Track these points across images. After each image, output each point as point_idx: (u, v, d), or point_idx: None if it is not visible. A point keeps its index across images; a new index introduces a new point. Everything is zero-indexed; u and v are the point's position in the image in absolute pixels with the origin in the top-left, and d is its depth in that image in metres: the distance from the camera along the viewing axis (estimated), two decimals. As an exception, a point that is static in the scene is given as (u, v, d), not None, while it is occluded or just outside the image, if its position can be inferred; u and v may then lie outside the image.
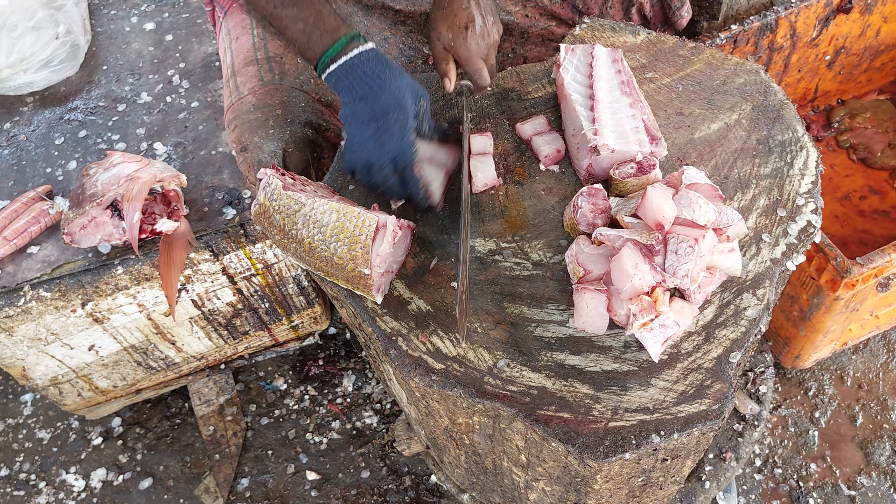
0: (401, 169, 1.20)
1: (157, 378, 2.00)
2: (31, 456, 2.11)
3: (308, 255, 1.17)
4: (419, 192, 1.23)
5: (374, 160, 1.20)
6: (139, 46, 2.09)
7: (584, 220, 1.18)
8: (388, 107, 1.18)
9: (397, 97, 1.19)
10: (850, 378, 2.03)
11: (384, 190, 1.23)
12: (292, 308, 1.95)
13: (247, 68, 1.49)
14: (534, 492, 1.35)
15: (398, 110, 1.19)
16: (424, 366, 1.10)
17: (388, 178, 1.20)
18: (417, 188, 1.22)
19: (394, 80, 1.20)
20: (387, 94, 1.19)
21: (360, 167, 1.22)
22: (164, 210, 1.59)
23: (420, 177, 1.21)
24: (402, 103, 1.19)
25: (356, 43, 1.23)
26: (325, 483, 1.98)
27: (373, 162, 1.20)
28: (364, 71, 1.21)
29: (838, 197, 2.18)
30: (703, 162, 1.29)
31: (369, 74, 1.20)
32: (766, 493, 1.87)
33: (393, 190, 1.23)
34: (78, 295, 1.63)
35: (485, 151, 1.32)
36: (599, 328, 1.10)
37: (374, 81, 1.20)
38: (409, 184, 1.22)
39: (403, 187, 1.23)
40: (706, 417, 1.02)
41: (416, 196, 1.24)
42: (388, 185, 1.22)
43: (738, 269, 1.12)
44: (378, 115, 1.19)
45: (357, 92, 1.21)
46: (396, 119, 1.18)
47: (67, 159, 1.83)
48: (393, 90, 1.19)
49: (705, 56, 1.44)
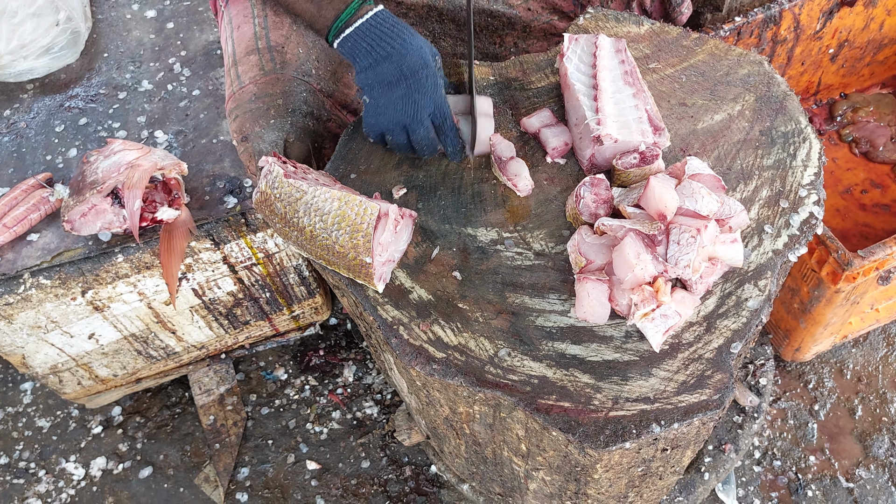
0: (438, 123, 1.22)
1: (157, 367, 2.00)
2: (30, 444, 2.11)
3: (309, 244, 1.17)
4: (458, 142, 1.26)
5: (410, 119, 1.20)
6: (140, 34, 2.09)
7: (587, 209, 1.18)
8: (415, 64, 1.19)
9: (421, 55, 1.20)
10: (849, 371, 2.03)
11: (422, 148, 1.25)
12: (293, 298, 1.95)
13: (248, 57, 1.49)
14: (534, 481, 1.35)
15: (424, 67, 1.19)
16: (425, 355, 1.10)
17: (428, 132, 1.22)
18: (457, 138, 1.25)
19: (412, 38, 1.21)
20: (412, 52, 1.19)
21: (393, 128, 1.23)
22: (165, 198, 1.59)
23: (459, 127, 1.24)
24: (426, 60, 1.20)
25: (368, 5, 1.23)
26: (326, 473, 1.98)
27: (408, 121, 1.20)
28: (384, 31, 1.20)
29: (840, 190, 2.18)
30: (705, 153, 1.28)
31: (389, 34, 1.20)
32: (764, 485, 1.87)
33: (433, 146, 1.25)
34: (78, 283, 1.63)
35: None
36: (601, 318, 1.10)
37: (395, 41, 1.20)
38: (449, 136, 1.24)
39: (436, 142, 1.26)
40: (707, 407, 1.02)
41: (455, 146, 1.26)
42: (429, 140, 1.23)
43: (740, 260, 1.12)
44: (407, 74, 1.19)
45: (378, 53, 1.20)
46: (427, 76, 1.19)
47: (68, 147, 1.83)
48: (415, 48, 1.20)
49: (709, 47, 1.44)
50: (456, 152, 1.28)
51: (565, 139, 1.31)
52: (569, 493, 1.31)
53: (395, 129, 1.23)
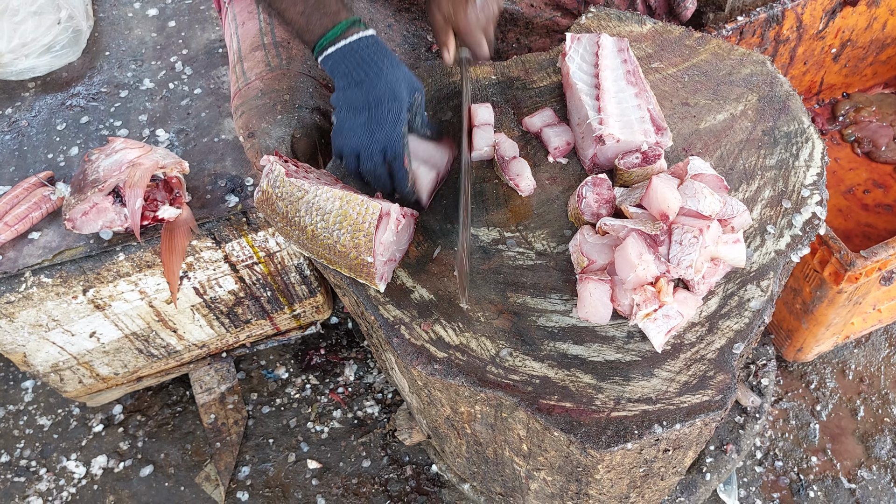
0: (390, 160, 1.18)
1: (158, 366, 2.00)
2: (31, 442, 2.11)
3: (311, 243, 1.16)
4: (406, 186, 1.21)
5: (364, 148, 1.18)
6: (142, 32, 2.08)
7: (589, 209, 1.17)
8: (382, 96, 1.17)
9: (392, 87, 1.18)
10: (851, 372, 2.03)
11: (371, 180, 1.22)
12: (294, 297, 1.95)
13: (254, 53, 1.48)
14: (535, 481, 1.35)
15: (392, 101, 1.17)
16: (427, 354, 1.10)
17: (376, 167, 1.19)
18: (405, 181, 1.20)
19: (391, 69, 1.19)
20: (383, 82, 1.18)
21: (347, 153, 1.21)
22: (166, 197, 1.59)
23: (409, 170, 1.20)
24: (396, 94, 1.18)
25: (356, 28, 1.22)
26: (326, 472, 1.98)
27: (361, 150, 1.18)
28: (362, 57, 1.20)
29: (842, 190, 2.17)
30: (708, 152, 1.28)
31: (367, 61, 1.19)
32: (766, 486, 1.87)
33: (380, 181, 1.21)
34: (79, 281, 1.62)
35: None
36: (603, 318, 1.10)
37: (370, 68, 1.19)
38: (398, 176, 1.20)
39: (391, 180, 1.21)
40: (709, 408, 1.02)
41: (402, 189, 1.22)
42: (377, 174, 1.20)
43: (743, 261, 1.11)
44: (371, 104, 1.17)
45: (353, 77, 1.19)
46: (389, 109, 1.17)
47: (69, 145, 1.83)
48: (389, 80, 1.18)
49: (711, 46, 1.43)
50: (405, 196, 1.24)
51: (567, 139, 1.31)
52: (570, 493, 1.31)
53: (349, 154, 1.21)
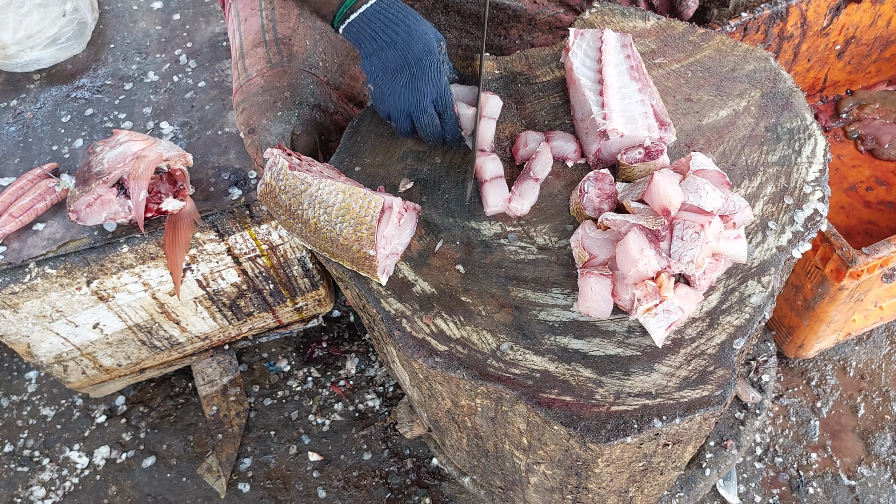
0: (440, 110, 1.23)
1: (161, 357, 2.01)
2: (35, 433, 2.12)
3: (313, 236, 1.17)
4: (458, 130, 1.26)
5: (416, 105, 1.21)
6: (146, 25, 2.09)
7: (591, 204, 1.18)
8: (419, 52, 1.19)
9: (426, 42, 1.20)
10: (852, 369, 2.03)
11: (427, 134, 1.26)
12: (297, 290, 1.95)
13: (255, 50, 1.49)
14: (535, 475, 1.35)
15: (429, 54, 1.20)
16: (428, 347, 1.11)
17: (433, 119, 1.23)
18: (457, 126, 1.25)
19: (417, 24, 1.21)
20: (416, 39, 1.19)
21: (398, 115, 1.24)
22: (170, 189, 1.60)
23: (458, 114, 1.25)
24: (430, 47, 1.20)
25: None
26: (327, 464, 1.99)
27: (413, 108, 1.21)
28: (388, 17, 1.20)
29: (845, 187, 2.17)
30: (710, 148, 1.28)
31: (394, 20, 1.20)
32: (766, 482, 1.87)
33: (436, 132, 1.25)
34: (83, 273, 1.63)
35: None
36: (603, 313, 1.10)
37: (400, 27, 1.20)
38: (449, 123, 1.24)
39: (441, 128, 1.26)
40: (708, 403, 1.02)
41: (455, 134, 1.27)
42: (433, 126, 1.24)
43: (744, 256, 1.12)
44: (411, 62, 1.19)
45: (382, 39, 1.20)
46: (430, 63, 1.19)
47: (74, 137, 1.83)
48: (420, 34, 1.20)
49: (715, 42, 1.43)
50: (454, 140, 1.29)
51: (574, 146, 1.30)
52: (570, 487, 1.31)
53: (399, 116, 1.24)
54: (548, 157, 1.27)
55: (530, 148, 1.29)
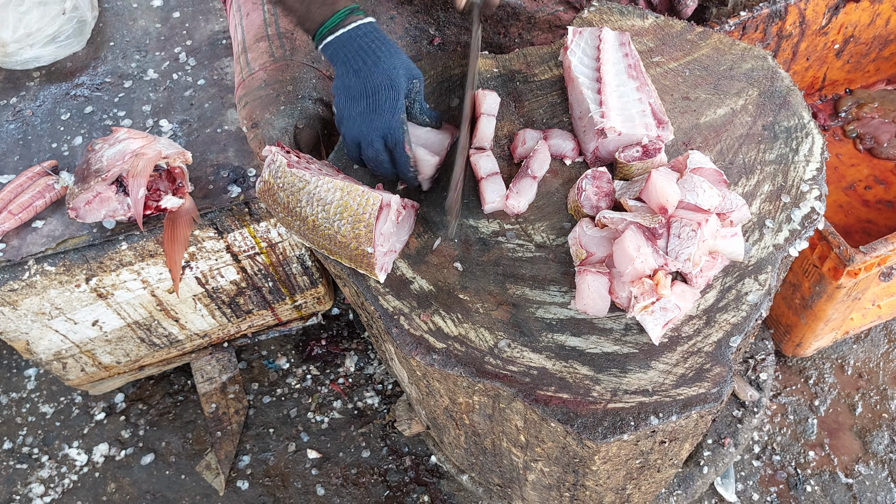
0: (391, 147, 1.20)
1: (160, 355, 2.01)
2: (34, 430, 2.12)
3: (311, 233, 1.17)
4: (409, 171, 1.22)
5: (363, 137, 1.20)
6: (146, 23, 2.09)
7: (588, 202, 1.18)
8: (379, 84, 1.18)
9: (389, 75, 1.19)
10: (850, 367, 2.03)
11: (374, 167, 1.24)
12: (296, 288, 1.96)
13: (258, 44, 1.49)
14: (532, 472, 1.36)
15: (389, 89, 1.19)
16: (426, 345, 1.11)
17: (378, 154, 1.20)
18: (407, 166, 1.22)
19: (388, 57, 1.20)
20: (379, 70, 1.19)
21: (349, 142, 1.22)
22: (169, 187, 1.60)
23: (410, 155, 1.21)
24: (393, 81, 1.19)
25: (355, 16, 1.23)
26: (326, 462, 2.00)
27: (362, 138, 1.20)
28: (360, 45, 1.21)
29: (843, 186, 2.17)
30: (708, 147, 1.29)
31: (364, 49, 1.20)
32: (763, 480, 1.88)
33: (383, 167, 1.23)
34: (82, 270, 1.64)
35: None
36: (601, 310, 1.10)
37: (368, 56, 1.20)
38: (399, 162, 1.22)
39: (393, 166, 1.23)
40: (705, 400, 1.03)
41: (406, 174, 1.23)
42: (378, 161, 1.22)
43: (741, 254, 1.12)
44: (369, 92, 1.19)
45: (351, 65, 1.20)
46: (387, 97, 1.18)
47: (73, 135, 1.84)
48: (386, 67, 1.19)
49: (713, 41, 1.44)
50: (406, 178, 1.25)
51: (572, 144, 1.31)
52: (567, 484, 1.32)
53: (349, 143, 1.22)
54: (546, 156, 1.28)
55: (528, 146, 1.29)
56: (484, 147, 1.31)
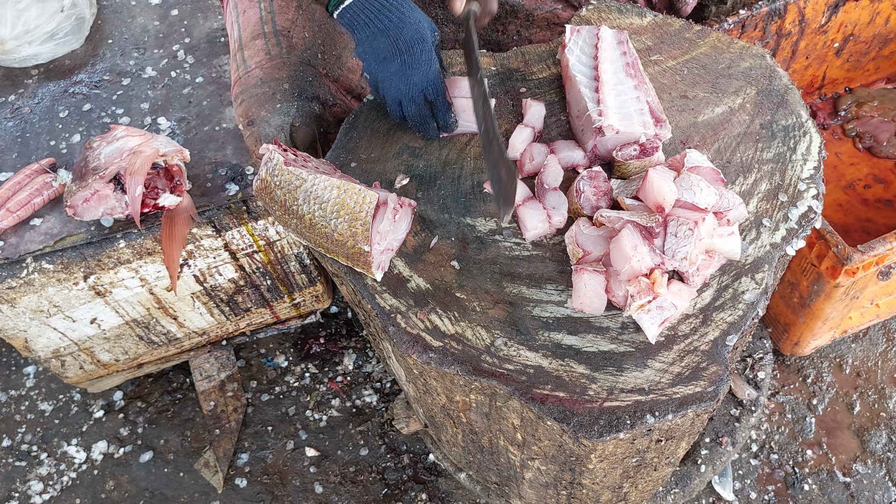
0: (432, 99, 1.22)
1: (158, 353, 2.01)
2: (32, 427, 2.13)
3: (308, 231, 1.17)
4: (450, 118, 1.24)
5: (404, 94, 1.20)
6: (144, 21, 2.09)
7: (588, 203, 1.18)
8: (411, 39, 1.19)
9: (418, 29, 1.19)
10: (848, 366, 2.03)
11: (416, 123, 1.26)
12: (294, 286, 1.96)
13: (254, 42, 1.49)
14: (529, 471, 1.36)
15: (422, 41, 1.19)
16: (422, 343, 1.11)
17: (421, 108, 1.22)
18: (449, 115, 1.24)
19: (412, 11, 1.21)
20: (409, 26, 1.19)
21: (389, 102, 1.23)
22: (167, 185, 1.60)
23: (451, 102, 1.23)
24: (423, 35, 1.20)
25: None
26: (324, 460, 2.00)
27: (402, 96, 1.21)
28: (382, 4, 1.20)
29: (842, 185, 2.17)
30: (705, 145, 1.28)
31: (387, 7, 1.20)
32: (761, 479, 1.88)
33: (426, 121, 1.25)
34: (80, 268, 1.64)
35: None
36: (597, 309, 1.10)
37: (393, 14, 1.20)
38: (441, 112, 1.23)
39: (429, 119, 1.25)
40: (701, 399, 1.03)
41: (447, 121, 1.25)
42: (422, 115, 1.24)
43: (738, 253, 1.12)
44: (402, 49, 1.19)
45: (375, 26, 1.20)
46: (421, 51, 1.19)
47: (71, 132, 1.83)
48: (414, 22, 1.20)
49: (711, 39, 1.43)
50: (447, 126, 1.27)
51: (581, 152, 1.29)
52: (564, 482, 1.32)
53: (390, 103, 1.24)
54: (557, 169, 1.24)
55: (537, 162, 1.27)
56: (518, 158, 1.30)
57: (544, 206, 1.21)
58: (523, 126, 1.31)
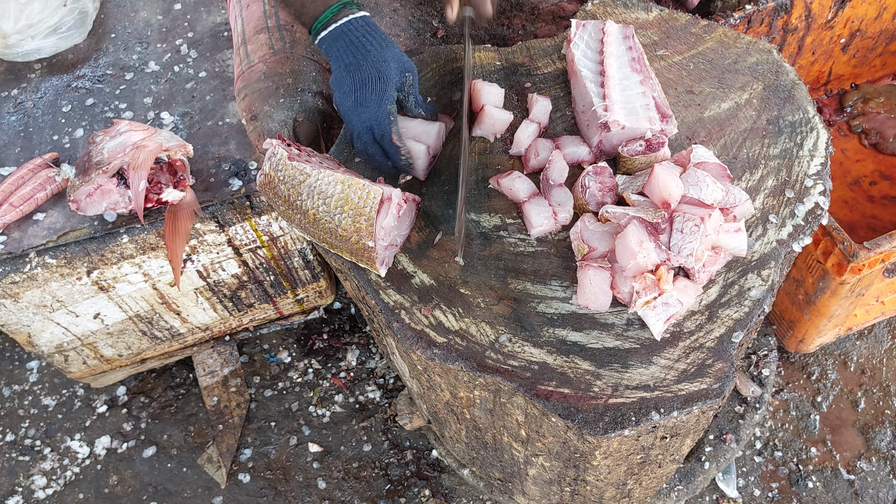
0: (378, 139, 1.21)
1: (162, 348, 2.01)
2: (36, 422, 2.13)
3: (312, 227, 1.17)
4: (400, 161, 1.23)
5: (353, 130, 1.21)
6: (147, 15, 2.08)
7: (594, 199, 1.17)
8: (366, 77, 1.19)
9: (378, 67, 1.19)
10: (853, 363, 2.02)
11: (366, 159, 1.25)
12: (297, 281, 1.95)
13: (257, 36, 1.49)
14: (533, 467, 1.35)
15: (378, 81, 1.19)
16: (426, 339, 1.11)
17: (367, 146, 1.22)
18: (398, 155, 1.22)
19: (379, 50, 1.20)
20: (367, 63, 1.19)
21: (348, 136, 1.24)
22: (170, 180, 1.59)
23: (399, 145, 1.21)
24: (382, 74, 1.19)
25: (348, 10, 1.23)
26: (327, 455, 2.00)
27: (352, 132, 1.22)
28: (351, 40, 1.21)
29: (848, 182, 2.16)
30: (711, 141, 1.28)
31: (355, 44, 1.21)
32: (765, 476, 1.87)
33: (375, 159, 1.24)
34: (83, 263, 1.63)
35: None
36: (602, 305, 1.10)
37: (358, 51, 1.20)
38: (390, 152, 1.22)
39: (386, 157, 1.24)
40: (706, 396, 1.02)
41: (398, 163, 1.24)
42: (369, 153, 1.23)
43: (744, 250, 1.11)
44: (357, 85, 1.20)
45: (343, 60, 1.21)
46: (374, 90, 1.19)
47: (74, 127, 1.83)
48: (375, 60, 1.19)
49: (718, 34, 1.42)
50: (399, 167, 1.26)
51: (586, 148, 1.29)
52: (568, 479, 1.31)
53: (349, 136, 1.24)
54: (562, 165, 1.24)
55: (542, 157, 1.27)
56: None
57: (550, 203, 1.20)
58: (529, 121, 1.30)
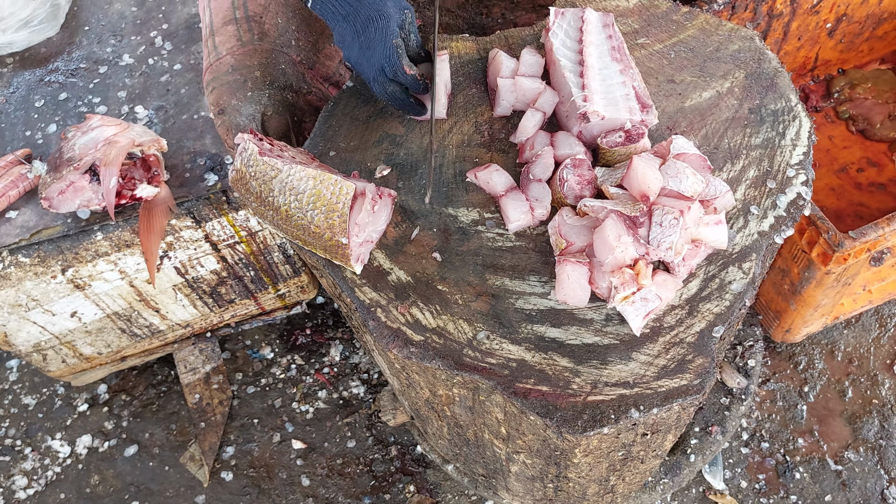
0: (392, 75, 1.18)
1: (142, 345, 1.98)
2: (16, 422, 2.10)
3: (285, 224, 1.14)
4: (419, 86, 1.21)
5: (366, 76, 1.19)
6: (121, 7, 2.04)
7: (572, 192, 1.15)
8: (367, 19, 1.17)
9: (377, 7, 1.17)
10: (840, 353, 2.01)
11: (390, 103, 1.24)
12: (278, 277, 1.93)
13: (225, 27, 1.45)
14: (515, 464, 1.34)
15: (378, 19, 1.17)
16: (403, 337, 1.08)
17: (385, 87, 1.19)
18: (416, 83, 1.20)
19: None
20: (365, 6, 1.17)
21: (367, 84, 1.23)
22: (144, 175, 1.56)
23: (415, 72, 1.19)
24: (382, 12, 1.17)
25: None
26: (311, 452, 1.98)
27: (367, 79, 1.20)
28: None
29: (835, 169, 2.14)
30: (692, 131, 1.25)
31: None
32: (752, 467, 1.86)
33: (398, 100, 1.22)
34: (58, 261, 1.60)
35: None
36: (581, 301, 1.07)
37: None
38: (410, 85, 1.20)
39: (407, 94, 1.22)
40: (687, 392, 1.00)
41: (417, 90, 1.22)
42: (389, 95, 1.21)
43: (724, 242, 1.09)
44: (359, 31, 1.18)
45: (339, 13, 1.19)
46: (376, 28, 1.17)
47: (47, 122, 1.79)
48: (370, 3, 1.17)
49: (699, 22, 1.40)
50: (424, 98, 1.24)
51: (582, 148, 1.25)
52: (550, 476, 1.30)
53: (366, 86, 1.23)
54: (549, 163, 1.21)
55: (537, 151, 1.24)
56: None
57: (527, 198, 1.17)
58: (535, 110, 1.27)
